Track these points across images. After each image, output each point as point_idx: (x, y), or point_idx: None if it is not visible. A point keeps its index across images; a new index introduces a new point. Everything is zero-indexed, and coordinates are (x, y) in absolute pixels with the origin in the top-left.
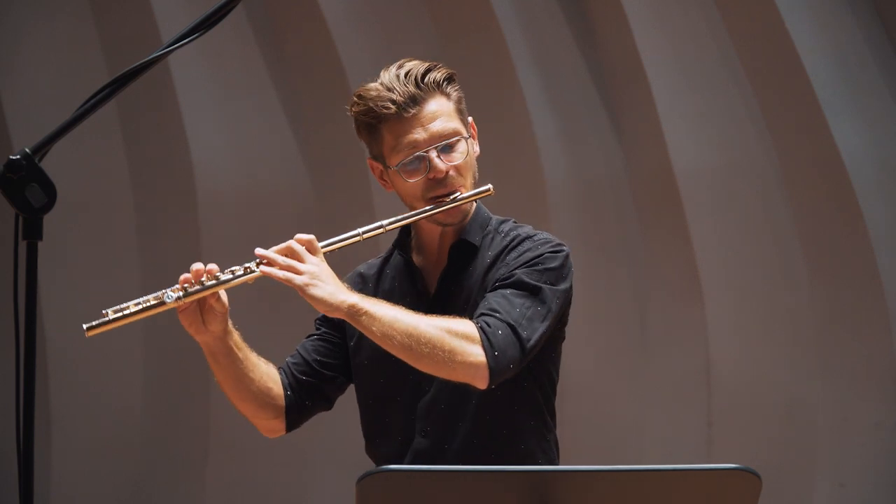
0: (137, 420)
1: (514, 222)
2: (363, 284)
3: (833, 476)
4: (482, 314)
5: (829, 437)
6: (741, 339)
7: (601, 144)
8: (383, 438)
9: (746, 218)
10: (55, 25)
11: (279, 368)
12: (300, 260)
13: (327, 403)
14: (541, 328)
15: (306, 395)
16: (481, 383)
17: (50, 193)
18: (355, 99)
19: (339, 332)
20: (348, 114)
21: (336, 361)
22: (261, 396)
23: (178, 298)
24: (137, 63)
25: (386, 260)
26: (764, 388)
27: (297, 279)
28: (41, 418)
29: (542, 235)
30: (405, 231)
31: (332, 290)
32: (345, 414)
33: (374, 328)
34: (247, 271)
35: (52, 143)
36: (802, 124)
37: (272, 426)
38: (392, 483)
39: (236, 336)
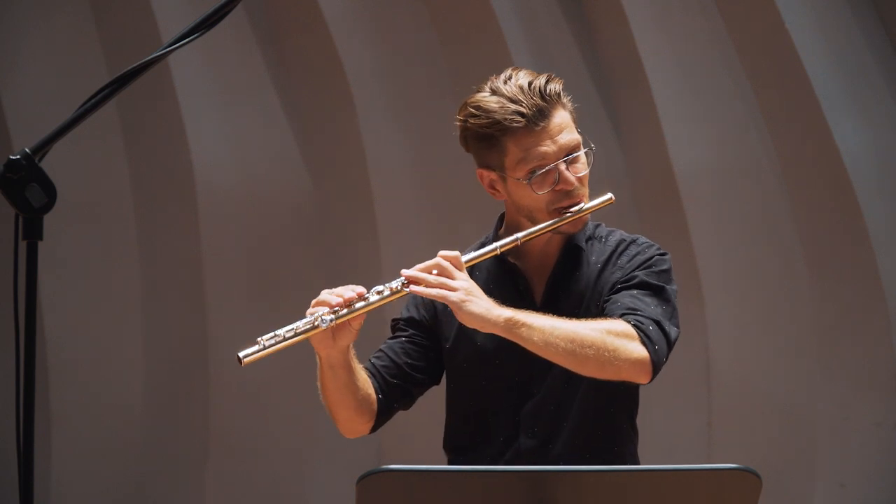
0: (137, 420)
1: (604, 226)
2: None
3: (833, 476)
4: (625, 314)
5: (829, 437)
6: (741, 339)
7: (601, 144)
8: (484, 439)
9: (746, 218)
10: (55, 25)
11: (366, 369)
12: (450, 276)
13: (410, 403)
14: (676, 323)
15: (395, 398)
16: (645, 378)
17: (50, 193)
18: (473, 110)
19: (428, 335)
20: (458, 123)
21: (426, 364)
22: (363, 402)
23: (332, 321)
24: (137, 63)
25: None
26: (764, 387)
27: (452, 296)
28: (41, 418)
29: (643, 239)
30: (495, 234)
31: (487, 305)
32: None
33: (535, 338)
34: (393, 291)
35: (52, 143)
36: (802, 124)
37: (360, 429)
38: (392, 483)
39: (351, 347)
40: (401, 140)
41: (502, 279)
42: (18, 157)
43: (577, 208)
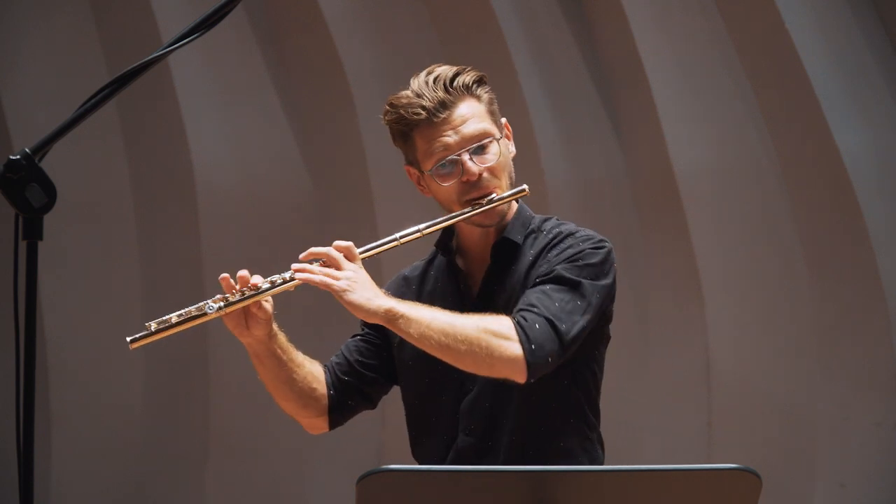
0: (137, 420)
1: (557, 219)
2: (406, 287)
3: (833, 476)
4: (520, 310)
5: (829, 437)
6: (741, 339)
7: (601, 144)
8: (428, 437)
9: (746, 218)
10: (55, 25)
11: (324, 366)
12: (338, 267)
13: (370, 403)
14: (581, 322)
15: (348, 395)
16: (520, 377)
17: (50, 193)
18: (387, 107)
19: (380, 333)
20: (382, 122)
21: (376, 362)
22: (304, 396)
23: (220, 308)
24: (137, 63)
25: (430, 262)
26: (764, 387)
27: (335, 284)
28: (41, 418)
29: (584, 232)
30: (447, 233)
31: (369, 295)
32: None
33: (411, 330)
34: (285, 281)
35: (52, 143)
36: (802, 124)
37: (315, 424)
38: (392, 483)
39: (281, 338)
40: None
41: (447, 277)
42: (18, 157)
43: (487, 199)
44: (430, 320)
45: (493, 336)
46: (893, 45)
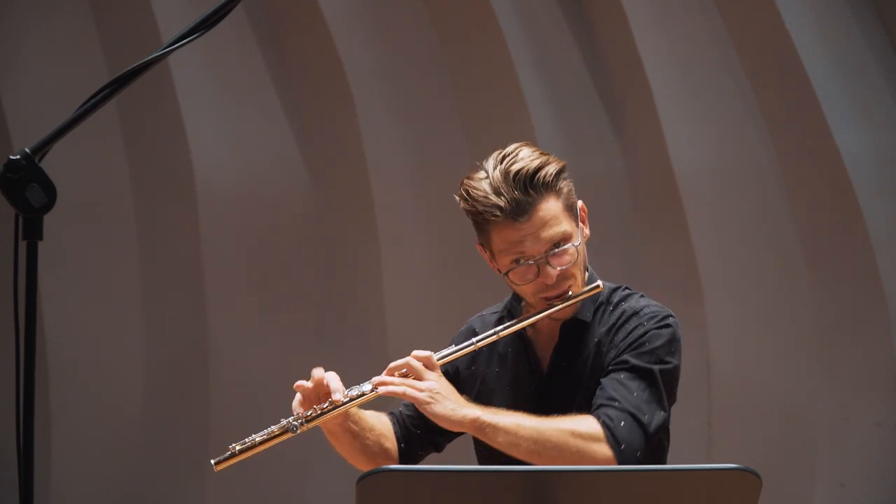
0: (137, 420)
1: (625, 290)
2: (473, 336)
3: (833, 476)
4: (601, 405)
5: (829, 437)
6: (741, 339)
7: (601, 144)
8: None
9: (746, 218)
10: (55, 25)
11: (391, 415)
12: (419, 377)
13: (438, 449)
14: (660, 413)
15: (419, 446)
16: None
17: (50, 193)
18: (463, 192)
19: (454, 384)
20: (459, 205)
21: None
22: (376, 456)
23: (303, 424)
24: (137, 63)
25: (500, 320)
26: (764, 387)
27: (419, 395)
28: (41, 418)
29: (650, 309)
30: (517, 298)
31: (452, 406)
32: None
33: (499, 439)
34: (363, 394)
35: (52, 143)
36: (802, 124)
37: None
38: (392, 483)
39: (353, 414)
40: (401, 140)
41: (517, 345)
42: (18, 157)
43: (561, 299)
44: (517, 428)
45: (582, 440)
46: (893, 45)
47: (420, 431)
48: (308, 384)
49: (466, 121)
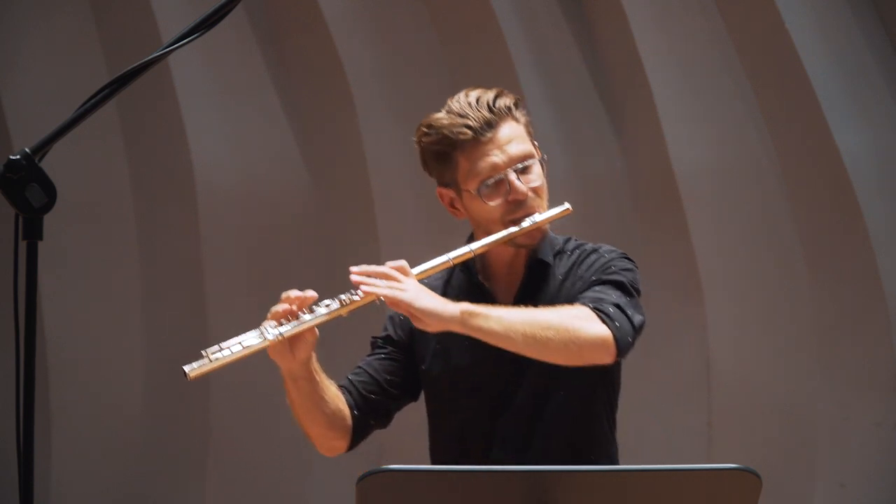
0: (137, 420)
1: (576, 239)
2: None
3: (833, 476)
4: (584, 303)
5: (829, 437)
6: (741, 339)
7: (601, 144)
8: (458, 455)
9: (746, 218)
10: (55, 25)
11: (341, 387)
12: (398, 281)
13: (387, 421)
14: (641, 312)
15: (372, 414)
16: (609, 357)
17: (50, 193)
18: (425, 129)
19: (405, 352)
20: (416, 146)
21: (403, 381)
22: (332, 417)
23: (280, 335)
24: (137, 63)
25: (447, 282)
26: (764, 387)
27: (404, 295)
28: (41, 418)
29: (607, 246)
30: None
31: (440, 301)
32: None
33: (493, 326)
34: (343, 303)
35: (52, 143)
36: (802, 124)
37: (336, 445)
38: (392, 483)
39: (314, 358)
40: (401, 140)
41: (473, 296)
42: (18, 157)
43: (530, 219)
44: (508, 314)
45: (578, 319)
46: (893, 45)
47: (377, 397)
48: (288, 300)
49: None
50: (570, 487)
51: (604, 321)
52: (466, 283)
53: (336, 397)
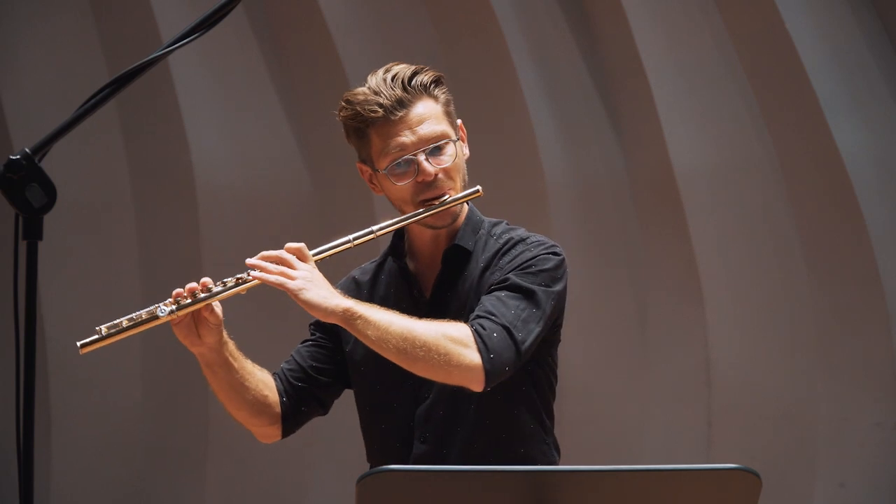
0: (137, 420)
1: (507, 224)
2: (357, 290)
3: (833, 476)
4: (477, 317)
5: (829, 437)
6: (741, 339)
7: (601, 144)
8: (382, 444)
9: (746, 218)
10: (55, 25)
11: (274, 374)
12: (291, 267)
13: (323, 409)
14: (535, 330)
15: (302, 402)
16: (477, 386)
17: (50, 193)
18: (342, 103)
19: (333, 337)
20: (337, 118)
21: (331, 367)
22: (256, 404)
23: (172, 312)
24: (137, 63)
25: (380, 265)
26: (764, 387)
27: (290, 283)
28: (41, 418)
29: (536, 238)
30: (398, 236)
31: (325, 294)
32: (344, 414)
33: (368, 332)
34: (238, 282)
35: (52, 143)
36: (802, 124)
37: (268, 432)
38: (392, 483)
39: (231, 346)
40: None
41: (399, 283)
42: (18, 157)
43: (441, 199)
44: (388, 324)
45: (452, 342)
46: (893, 44)
47: (303, 385)
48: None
49: (466, 121)
50: (570, 487)
51: (479, 351)
52: (396, 267)
53: (261, 384)
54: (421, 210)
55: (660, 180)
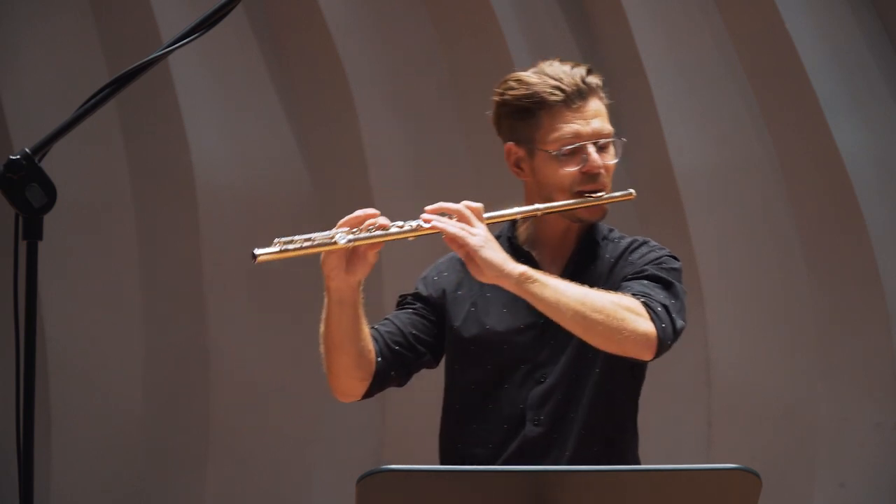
0: (137, 420)
1: (618, 231)
2: (463, 269)
3: (833, 476)
4: (635, 295)
5: (829, 437)
6: (741, 339)
7: None
8: (484, 423)
9: (746, 217)
10: (55, 25)
11: (371, 328)
12: (470, 224)
13: (406, 379)
14: (683, 318)
15: (394, 366)
16: (649, 353)
17: (50, 193)
18: (513, 83)
19: (436, 312)
20: (496, 97)
21: (430, 339)
22: (363, 354)
23: (350, 241)
24: (137, 63)
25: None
26: (764, 387)
27: (472, 239)
28: (41, 418)
29: (656, 243)
30: (512, 222)
31: (503, 256)
32: (345, 414)
33: (546, 294)
34: (414, 228)
35: (52, 143)
36: (802, 124)
37: (354, 388)
38: (392, 483)
39: (361, 288)
40: (401, 140)
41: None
42: (18, 157)
43: (598, 194)
44: (565, 287)
45: (626, 310)
46: (893, 44)
47: (401, 350)
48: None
49: (466, 121)
50: (570, 487)
51: (652, 319)
52: (509, 249)
53: (369, 337)
54: (580, 199)
55: (660, 180)
